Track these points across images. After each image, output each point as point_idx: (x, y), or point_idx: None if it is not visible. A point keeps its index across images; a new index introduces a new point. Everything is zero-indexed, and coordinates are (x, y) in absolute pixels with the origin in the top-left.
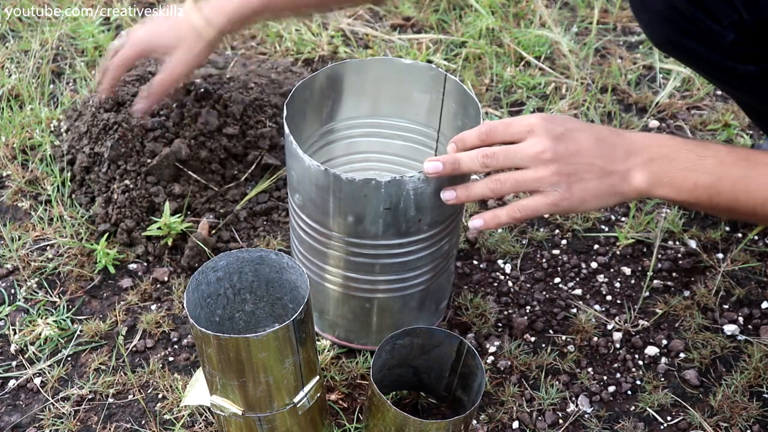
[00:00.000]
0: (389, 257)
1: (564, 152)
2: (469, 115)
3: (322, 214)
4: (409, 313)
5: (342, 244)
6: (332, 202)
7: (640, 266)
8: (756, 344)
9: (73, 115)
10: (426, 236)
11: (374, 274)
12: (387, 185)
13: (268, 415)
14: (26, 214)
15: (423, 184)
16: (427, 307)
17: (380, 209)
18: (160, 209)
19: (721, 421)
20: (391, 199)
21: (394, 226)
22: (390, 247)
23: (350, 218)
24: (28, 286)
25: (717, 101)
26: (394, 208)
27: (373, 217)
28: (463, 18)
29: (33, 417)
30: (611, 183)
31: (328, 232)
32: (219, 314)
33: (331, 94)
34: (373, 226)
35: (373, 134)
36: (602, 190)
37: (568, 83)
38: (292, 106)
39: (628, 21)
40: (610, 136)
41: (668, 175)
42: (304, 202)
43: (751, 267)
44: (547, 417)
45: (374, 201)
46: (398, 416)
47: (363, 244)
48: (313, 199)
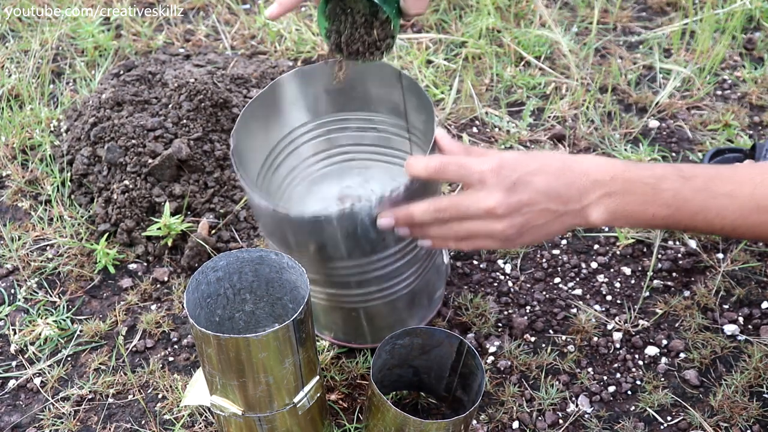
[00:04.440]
0: (363, 274)
1: (516, 204)
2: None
3: (285, 245)
4: (400, 313)
5: (314, 265)
6: (290, 236)
7: (640, 266)
8: (756, 344)
9: (73, 115)
10: (395, 250)
11: (352, 289)
12: (339, 218)
13: (268, 415)
14: (26, 214)
15: (377, 208)
16: (418, 303)
17: (338, 238)
18: (160, 209)
19: (721, 421)
20: (347, 229)
21: (357, 249)
22: (360, 266)
23: (312, 246)
24: (28, 286)
25: (717, 101)
26: (352, 236)
27: (334, 245)
28: (463, 18)
29: (33, 417)
30: (564, 222)
31: (297, 257)
32: (219, 314)
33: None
34: (336, 252)
35: (347, 128)
36: (554, 230)
37: (568, 83)
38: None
39: (628, 21)
40: (564, 174)
41: (625, 210)
42: (267, 233)
43: (751, 267)
44: (547, 417)
45: (329, 232)
46: (398, 416)
47: (333, 267)
48: (274, 231)
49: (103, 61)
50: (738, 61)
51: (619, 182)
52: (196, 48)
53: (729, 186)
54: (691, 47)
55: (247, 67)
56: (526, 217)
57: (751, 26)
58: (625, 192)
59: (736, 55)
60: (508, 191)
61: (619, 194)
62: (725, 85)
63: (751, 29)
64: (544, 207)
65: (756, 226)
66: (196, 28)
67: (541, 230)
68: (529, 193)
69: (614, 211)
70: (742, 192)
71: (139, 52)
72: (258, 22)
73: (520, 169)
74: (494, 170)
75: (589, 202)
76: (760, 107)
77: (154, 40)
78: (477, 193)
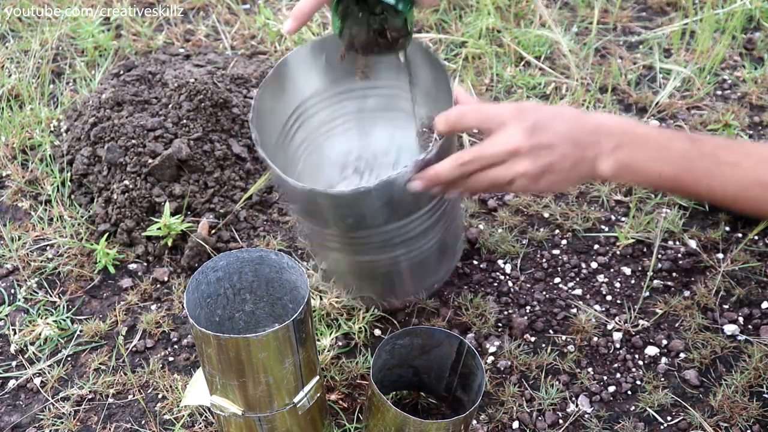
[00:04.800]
0: (397, 237)
1: (537, 145)
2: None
3: (322, 221)
4: (430, 266)
5: (349, 238)
6: (328, 213)
7: (640, 266)
8: (756, 344)
9: (73, 115)
10: (429, 208)
11: (386, 253)
12: (377, 189)
13: (268, 415)
14: (26, 214)
15: (412, 171)
16: (446, 255)
17: (376, 207)
18: (160, 209)
19: (722, 421)
20: (384, 197)
21: (394, 214)
22: (396, 229)
23: (350, 220)
24: (28, 286)
25: (717, 101)
26: (390, 203)
27: (372, 215)
28: (463, 18)
29: (33, 417)
30: (578, 170)
31: (332, 232)
32: (219, 314)
33: (296, 78)
34: (373, 220)
35: (347, 98)
36: (568, 179)
37: (568, 83)
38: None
39: (628, 21)
40: (580, 122)
41: (634, 164)
42: (301, 211)
43: (751, 267)
44: (547, 417)
45: (368, 203)
46: (398, 416)
47: (368, 234)
48: (310, 210)
49: (103, 61)
50: (738, 61)
51: (630, 136)
52: (196, 48)
53: (735, 156)
54: (691, 47)
55: (247, 67)
56: (547, 159)
57: (751, 26)
58: (635, 146)
59: (736, 55)
60: (530, 132)
61: (629, 147)
62: (725, 85)
63: (751, 29)
64: (563, 151)
65: (756, 200)
66: (196, 28)
67: (559, 176)
68: (549, 135)
69: (623, 164)
70: (746, 164)
71: (139, 52)
72: (258, 22)
73: (540, 113)
74: (514, 112)
75: (601, 151)
76: (760, 107)
77: (154, 40)
78: (499, 137)
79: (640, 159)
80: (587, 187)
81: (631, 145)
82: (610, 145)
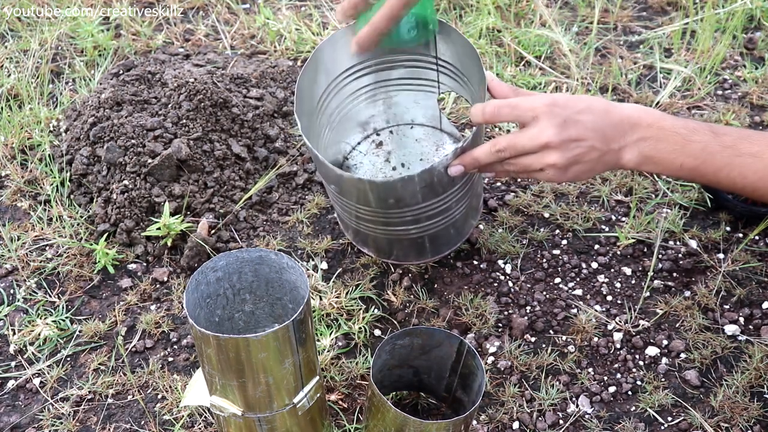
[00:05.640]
0: (431, 211)
1: (567, 139)
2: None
3: (363, 201)
4: (457, 228)
5: (386, 214)
6: (371, 196)
7: (640, 266)
8: (757, 344)
9: (72, 114)
10: (461, 183)
11: (420, 223)
12: (420, 176)
13: (268, 415)
14: (25, 214)
15: (452, 158)
16: (471, 216)
17: (416, 190)
18: (159, 209)
19: (722, 421)
20: (425, 181)
21: (431, 193)
22: (431, 205)
23: (390, 201)
24: (27, 286)
25: (718, 101)
26: (429, 185)
27: (411, 195)
28: (463, 17)
29: (32, 417)
30: (604, 161)
31: (371, 209)
32: (219, 314)
33: (322, 66)
34: (412, 200)
35: (375, 70)
36: (594, 169)
37: (568, 83)
38: (298, 107)
39: (628, 21)
40: (608, 115)
41: (656, 156)
42: (341, 190)
43: (752, 267)
44: (547, 417)
45: (410, 187)
46: (398, 417)
47: (405, 211)
48: (352, 192)
49: (103, 60)
50: (739, 61)
51: (654, 129)
52: (195, 48)
53: (756, 147)
54: (691, 47)
55: (247, 67)
56: (576, 152)
57: (752, 26)
58: (659, 139)
59: (737, 54)
60: (560, 127)
61: (653, 140)
62: (726, 84)
63: (751, 29)
64: (591, 144)
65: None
66: (195, 27)
67: (586, 166)
68: (579, 129)
69: (646, 156)
70: (766, 155)
71: (138, 51)
72: (258, 22)
73: (570, 108)
74: (546, 108)
75: (626, 143)
76: (760, 107)
77: (153, 40)
78: (531, 130)
79: (663, 151)
80: (587, 187)
81: (654, 138)
82: (635, 137)
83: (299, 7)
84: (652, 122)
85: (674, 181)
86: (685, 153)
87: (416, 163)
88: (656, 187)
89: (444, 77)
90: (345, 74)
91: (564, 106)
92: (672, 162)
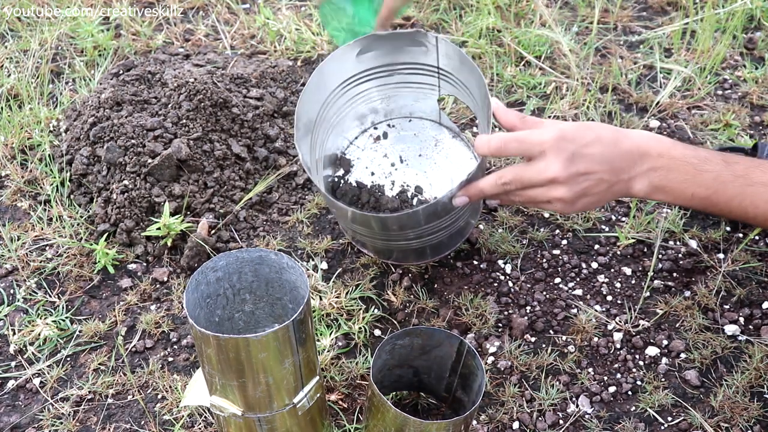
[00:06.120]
0: (433, 229)
1: (575, 173)
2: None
3: (367, 228)
4: (457, 235)
5: (391, 235)
6: (375, 224)
7: (640, 266)
8: (757, 344)
9: (72, 114)
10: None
11: (422, 238)
12: (424, 210)
13: (268, 415)
14: (25, 214)
15: (457, 190)
16: (471, 217)
17: (420, 219)
18: (159, 209)
19: (722, 421)
20: (429, 212)
21: (434, 217)
22: (434, 227)
23: (394, 227)
24: (27, 287)
25: (718, 101)
26: (434, 214)
27: (415, 223)
28: (463, 17)
29: (32, 417)
30: (614, 191)
31: (375, 232)
32: (219, 314)
33: (324, 83)
34: (416, 224)
35: (375, 75)
36: (604, 199)
37: (568, 83)
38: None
39: (628, 21)
40: (617, 146)
41: (667, 186)
42: (347, 220)
43: (752, 267)
44: (547, 417)
45: (414, 218)
46: (398, 417)
47: (409, 233)
48: (357, 219)
49: (103, 60)
50: (739, 61)
51: (665, 159)
52: (195, 48)
53: (767, 176)
54: (691, 47)
55: (247, 67)
56: (584, 186)
57: (752, 26)
58: (669, 169)
59: (737, 54)
60: (568, 162)
61: (664, 170)
62: (726, 84)
63: (751, 29)
64: (600, 177)
65: None
66: (195, 27)
67: (595, 197)
68: (587, 163)
69: (656, 186)
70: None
71: (138, 51)
72: (258, 22)
73: (578, 141)
74: (553, 142)
75: (636, 174)
76: (760, 107)
77: (153, 40)
78: (538, 164)
79: (674, 181)
80: None
81: (665, 168)
82: (645, 167)
83: (299, 7)
84: (663, 152)
85: None
86: (696, 183)
87: (415, 159)
88: None
89: (444, 83)
90: (346, 83)
91: (572, 140)
92: (683, 192)
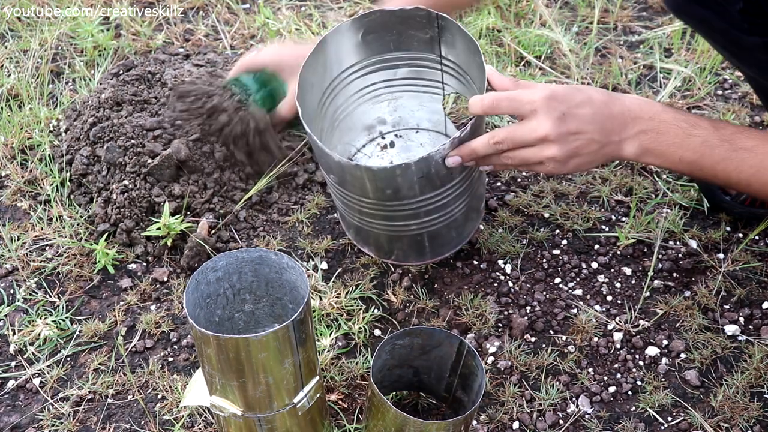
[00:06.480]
0: (430, 205)
1: (565, 132)
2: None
3: (361, 191)
4: (456, 228)
5: (386, 206)
6: (369, 184)
7: (640, 266)
8: (757, 344)
9: (72, 114)
10: (460, 179)
11: (419, 219)
12: (417, 164)
13: (268, 415)
14: (25, 214)
15: (449, 149)
16: (471, 218)
17: (414, 180)
18: (159, 209)
19: (722, 421)
20: (422, 171)
21: (429, 185)
22: (429, 199)
23: (388, 191)
24: (27, 287)
25: (718, 101)
26: (427, 176)
27: (409, 186)
28: (463, 17)
29: (32, 417)
30: (604, 153)
31: (369, 201)
32: (219, 314)
33: (326, 60)
34: (410, 191)
35: (379, 69)
36: (595, 161)
37: (568, 83)
38: (300, 97)
39: (628, 21)
40: (608, 107)
41: (657, 149)
42: (341, 181)
43: (752, 267)
44: (547, 417)
45: (407, 176)
46: (398, 417)
47: (404, 204)
48: (350, 181)
49: (103, 60)
50: None
51: (656, 122)
52: (195, 48)
53: (752, 141)
54: (691, 47)
55: None
56: (575, 145)
57: None
58: (659, 132)
59: None
60: (558, 120)
61: (654, 133)
62: (726, 84)
63: None
64: (590, 137)
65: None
66: (195, 27)
67: (587, 158)
68: (577, 123)
69: (646, 148)
70: (762, 149)
71: (138, 51)
72: (258, 22)
73: (569, 100)
74: (544, 101)
75: (627, 136)
76: (760, 107)
77: (153, 40)
78: (530, 123)
79: (664, 144)
80: (587, 186)
81: (655, 131)
82: (636, 129)
83: (299, 7)
84: (653, 115)
85: (674, 180)
86: (684, 146)
87: None
88: (656, 187)
89: (448, 77)
90: (349, 71)
91: (563, 99)
92: (672, 154)
